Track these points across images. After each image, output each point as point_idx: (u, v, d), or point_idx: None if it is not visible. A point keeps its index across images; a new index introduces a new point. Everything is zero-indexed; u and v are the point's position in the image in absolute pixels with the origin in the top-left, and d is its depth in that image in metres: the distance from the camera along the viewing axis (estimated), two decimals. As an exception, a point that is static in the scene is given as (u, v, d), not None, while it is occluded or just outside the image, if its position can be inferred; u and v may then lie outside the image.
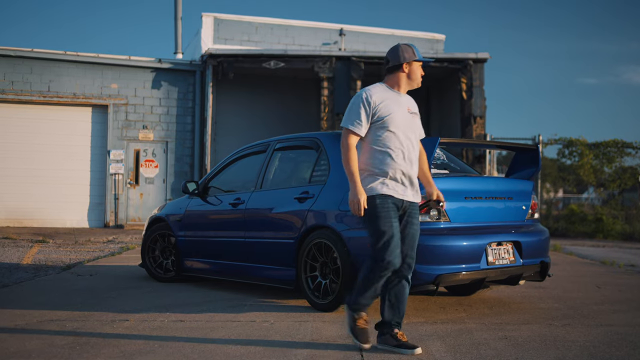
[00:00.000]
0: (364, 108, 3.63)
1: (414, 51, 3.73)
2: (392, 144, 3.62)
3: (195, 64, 15.51)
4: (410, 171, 3.67)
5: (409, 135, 3.68)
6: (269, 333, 4.08)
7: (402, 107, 3.69)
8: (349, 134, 3.64)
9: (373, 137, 3.64)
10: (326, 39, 17.09)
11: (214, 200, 6.17)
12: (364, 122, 3.63)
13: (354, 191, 3.57)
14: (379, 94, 3.68)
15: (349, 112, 3.68)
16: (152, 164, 15.37)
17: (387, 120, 3.62)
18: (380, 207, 3.58)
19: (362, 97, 3.66)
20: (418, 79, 3.75)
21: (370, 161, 3.64)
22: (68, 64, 14.83)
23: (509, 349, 3.74)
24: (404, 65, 3.71)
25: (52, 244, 10.79)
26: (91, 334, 4.04)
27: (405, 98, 3.76)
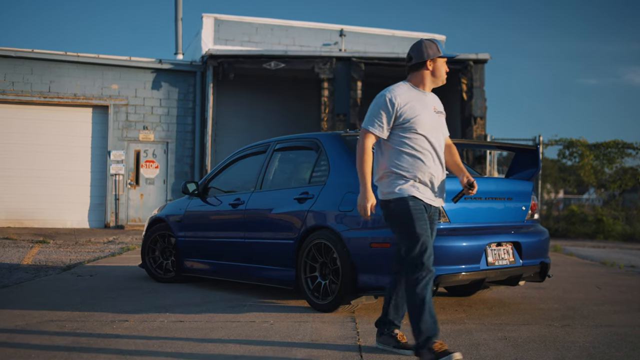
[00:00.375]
0: (387, 110, 3.46)
1: (438, 47, 3.57)
2: (421, 146, 3.47)
3: (195, 65, 15.52)
4: (439, 174, 3.52)
5: (436, 136, 3.53)
6: (268, 333, 4.08)
7: (428, 107, 3.54)
8: (367, 134, 3.49)
9: (399, 140, 3.48)
10: (326, 39, 17.09)
11: (214, 200, 6.17)
12: (385, 124, 3.47)
13: (363, 195, 3.45)
14: (404, 94, 3.50)
15: (370, 113, 3.52)
16: (153, 164, 15.38)
17: (414, 122, 3.46)
18: (413, 209, 3.40)
19: (386, 98, 3.49)
20: (443, 76, 3.59)
21: (399, 163, 3.47)
22: (68, 64, 14.83)
23: (509, 349, 3.74)
24: (428, 63, 3.55)
25: (53, 244, 10.79)
26: (91, 335, 4.04)
27: (431, 97, 3.61)
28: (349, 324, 4.39)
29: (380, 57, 15.28)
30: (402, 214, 3.41)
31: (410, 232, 3.39)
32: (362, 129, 3.53)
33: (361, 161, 3.48)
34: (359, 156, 3.50)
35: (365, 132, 3.51)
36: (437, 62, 3.56)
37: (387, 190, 3.48)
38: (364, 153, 3.48)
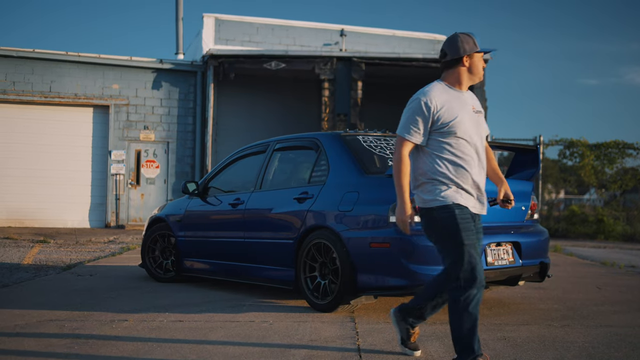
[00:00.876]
0: (423, 114, 3.20)
1: (474, 41, 3.28)
2: (462, 151, 3.21)
3: (196, 65, 15.53)
4: (483, 179, 3.28)
5: (478, 139, 3.27)
6: (267, 333, 4.08)
7: (466, 107, 3.27)
8: (403, 142, 3.23)
9: (437, 145, 3.22)
10: (327, 39, 17.09)
11: (214, 200, 6.17)
12: (422, 130, 3.21)
13: (401, 208, 3.20)
14: (440, 96, 3.23)
15: (405, 119, 3.26)
16: (153, 164, 15.39)
17: (453, 125, 3.19)
18: (460, 218, 3.13)
19: (421, 102, 3.21)
20: (480, 73, 3.31)
21: (440, 170, 3.20)
22: (69, 64, 14.84)
23: (508, 349, 3.73)
24: (465, 59, 3.27)
25: (53, 244, 10.80)
26: (90, 334, 4.04)
27: (468, 95, 3.34)
28: (348, 324, 4.39)
29: (381, 57, 15.27)
30: (446, 223, 3.14)
31: (457, 243, 3.11)
32: (398, 137, 3.27)
33: (398, 171, 3.22)
34: (395, 166, 3.23)
35: (401, 141, 3.25)
36: (474, 58, 3.28)
37: (429, 198, 3.22)
38: (401, 163, 3.22)
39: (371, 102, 16.07)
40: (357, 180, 4.84)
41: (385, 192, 4.58)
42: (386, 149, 5.22)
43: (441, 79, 3.33)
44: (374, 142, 5.28)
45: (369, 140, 5.29)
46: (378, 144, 5.26)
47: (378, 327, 4.30)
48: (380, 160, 5.06)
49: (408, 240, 4.37)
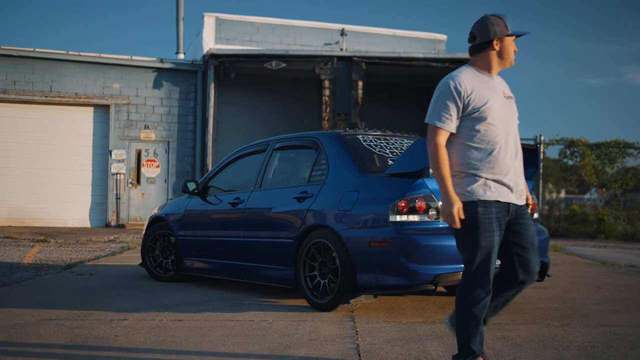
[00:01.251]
0: (454, 99, 3.00)
1: (505, 23, 3.08)
2: (493, 138, 3.02)
3: (197, 64, 15.53)
4: (516, 167, 3.07)
5: (509, 125, 3.08)
6: (267, 332, 4.08)
7: (497, 92, 3.10)
8: (437, 131, 3.01)
9: (467, 132, 3.04)
10: (328, 39, 17.09)
11: (214, 199, 6.18)
12: (454, 116, 3.01)
13: (447, 199, 2.95)
14: (469, 80, 3.04)
15: (435, 105, 3.06)
16: (154, 163, 15.39)
17: (484, 110, 3.01)
18: (482, 217, 2.97)
19: (450, 86, 3.02)
20: (511, 57, 3.12)
21: (467, 161, 3.02)
22: (70, 64, 14.85)
23: (507, 348, 3.73)
24: (495, 42, 3.07)
25: (54, 243, 10.81)
26: (89, 334, 4.04)
27: (498, 80, 3.17)
28: (347, 323, 4.39)
29: (381, 56, 15.27)
30: (467, 220, 2.98)
31: (473, 242, 2.98)
32: (430, 126, 3.04)
33: (436, 162, 2.99)
34: (432, 157, 3.01)
35: (434, 130, 3.03)
36: (504, 41, 3.08)
37: (456, 191, 3.02)
38: (438, 153, 2.99)
39: (372, 102, 16.07)
40: (357, 179, 4.84)
41: (384, 192, 4.58)
42: (386, 148, 5.22)
43: (470, 63, 3.15)
44: (373, 142, 5.28)
45: (369, 140, 5.29)
46: (378, 144, 5.27)
47: (378, 326, 4.30)
48: (380, 159, 5.06)
49: (408, 239, 4.38)
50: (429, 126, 3.06)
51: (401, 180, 4.53)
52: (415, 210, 4.43)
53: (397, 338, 3.95)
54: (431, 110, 3.08)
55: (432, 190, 4.48)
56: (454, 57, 15.27)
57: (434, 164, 3.01)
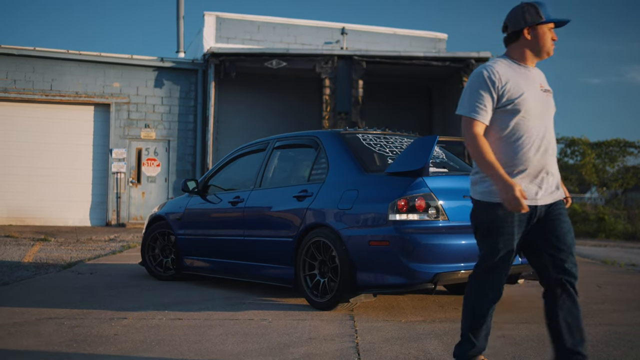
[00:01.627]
0: (488, 89, 2.84)
1: (538, 10, 2.89)
2: (525, 133, 2.84)
3: (197, 63, 15.53)
4: (548, 165, 2.88)
5: (544, 120, 2.90)
6: (266, 331, 4.08)
7: (533, 84, 2.91)
8: (473, 123, 2.85)
9: (498, 126, 2.87)
10: (328, 38, 17.09)
11: (214, 198, 6.17)
12: (489, 107, 2.85)
13: (503, 185, 2.72)
14: (504, 70, 2.89)
15: (468, 96, 2.89)
16: (154, 162, 15.40)
17: (518, 102, 2.83)
18: (502, 220, 2.83)
19: (484, 75, 2.86)
20: (547, 47, 2.91)
21: (495, 156, 2.84)
22: (70, 62, 14.86)
23: (506, 347, 3.73)
24: (526, 31, 2.90)
25: (54, 242, 10.81)
26: (89, 332, 4.04)
27: (535, 72, 2.98)
28: (347, 322, 4.39)
29: (381, 55, 15.26)
30: (486, 220, 2.87)
31: (491, 244, 2.88)
32: (464, 118, 2.88)
33: (479, 152, 2.80)
34: (473, 147, 2.83)
35: (469, 122, 2.86)
36: (538, 30, 2.89)
37: (479, 189, 2.92)
38: (479, 142, 2.81)
39: (372, 101, 16.07)
40: (357, 178, 4.84)
41: (384, 190, 4.58)
42: (385, 147, 5.22)
43: (505, 54, 3.00)
44: (373, 141, 5.28)
45: (369, 139, 5.28)
46: (378, 142, 5.26)
47: (377, 325, 4.30)
48: (380, 158, 5.06)
49: (407, 238, 4.37)
50: (463, 118, 2.88)
51: (401, 179, 4.53)
52: (415, 209, 4.43)
53: (396, 337, 3.95)
54: (465, 101, 2.91)
55: (431, 189, 4.47)
56: (455, 56, 15.26)
57: (477, 154, 2.81)
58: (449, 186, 4.63)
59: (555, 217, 2.88)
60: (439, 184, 4.55)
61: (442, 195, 4.51)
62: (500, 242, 2.85)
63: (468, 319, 3.00)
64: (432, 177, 4.55)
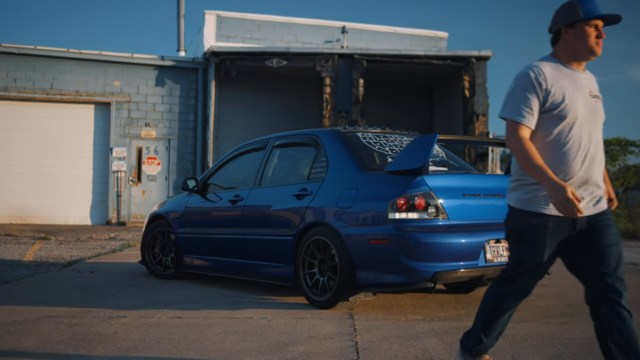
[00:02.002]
0: (535, 91, 2.67)
1: (576, 8, 2.69)
2: (571, 141, 2.66)
3: (197, 62, 15.52)
4: (593, 177, 2.70)
5: (592, 128, 2.71)
6: (265, 330, 4.08)
7: (581, 89, 2.72)
8: (518, 128, 2.68)
9: (540, 133, 2.70)
10: (329, 36, 17.07)
11: (213, 197, 6.17)
12: (535, 110, 2.67)
13: (553, 187, 2.55)
14: (550, 71, 2.69)
15: (513, 98, 2.71)
16: (155, 161, 15.40)
17: (564, 108, 2.65)
18: (534, 229, 2.68)
19: (530, 76, 2.68)
20: (589, 46, 2.69)
21: None
22: (71, 61, 14.86)
23: (506, 346, 3.72)
24: (564, 30, 2.72)
25: (54, 241, 10.81)
26: (88, 331, 4.04)
27: (585, 76, 2.78)
28: (346, 320, 4.38)
29: (382, 54, 15.25)
30: (518, 227, 2.74)
31: (520, 253, 2.75)
32: (508, 122, 2.71)
33: (525, 156, 2.64)
34: (518, 151, 2.67)
35: (513, 126, 2.69)
36: (577, 28, 2.69)
37: (514, 196, 2.80)
38: (525, 146, 2.65)
39: (372, 99, 16.06)
40: (356, 176, 4.83)
41: (384, 189, 4.57)
42: (385, 145, 5.21)
43: (551, 54, 2.81)
44: (373, 139, 5.27)
45: (368, 137, 5.28)
46: (377, 141, 5.26)
47: (376, 323, 4.29)
48: (380, 157, 5.05)
49: (407, 237, 4.37)
50: (507, 122, 2.72)
51: (400, 177, 4.52)
52: (415, 207, 4.42)
53: (395, 335, 3.95)
54: (509, 103, 2.72)
55: (431, 188, 4.47)
56: (455, 55, 15.24)
57: (523, 159, 2.65)
58: (449, 185, 4.62)
59: (599, 229, 2.70)
60: (439, 182, 4.54)
61: (442, 193, 4.50)
62: (529, 252, 2.71)
63: (482, 318, 2.92)
64: (432, 176, 4.54)
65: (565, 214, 2.55)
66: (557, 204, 2.55)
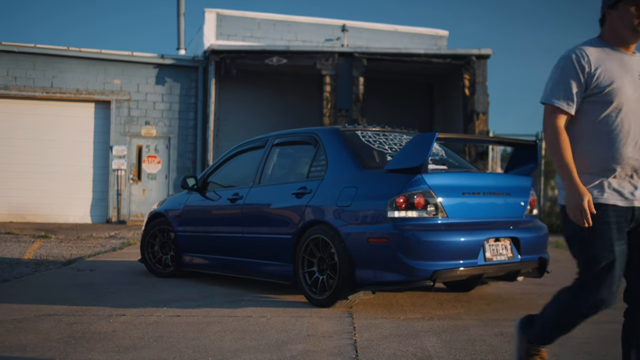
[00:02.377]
0: (576, 75, 2.54)
1: None
2: (619, 127, 2.53)
3: (197, 60, 15.51)
4: None
5: None
6: (264, 328, 4.08)
7: (630, 71, 2.59)
8: (554, 112, 2.57)
9: (586, 118, 2.58)
10: (329, 35, 17.06)
11: (213, 195, 6.17)
12: (576, 95, 2.55)
13: (573, 191, 2.49)
14: (596, 54, 2.58)
15: (553, 82, 2.60)
16: (155, 159, 15.39)
17: (610, 92, 2.53)
18: (597, 223, 2.51)
19: (572, 58, 2.55)
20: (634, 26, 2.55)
21: (587, 153, 2.56)
22: (71, 59, 14.85)
23: (505, 345, 3.72)
24: (607, 13, 2.63)
25: (54, 239, 10.82)
26: (87, 329, 4.04)
27: (635, 59, 2.64)
28: (345, 319, 4.38)
29: (382, 52, 15.24)
30: (579, 228, 2.54)
31: (587, 252, 2.55)
32: (546, 107, 2.60)
33: (557, 148, 2.54)
34: (550, 140, 2.57)
35: (550, 110, 2.58)
36: (620, 9, 2.57)
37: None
38: (558, 134, 2.55)
39: (373, 98, 16.05)
40: (356, 175, 4.83)
41: (383, 187, 4.57)
42: (385, 144, 5.21)
43: (598, 36, 2.69)
44: (372, 137, 5.27)
45: (368, 136, 5.28)
46: (377, 139, 5.25)
47: (376, 322, 4.29)
48: (379, 155, 5.05)
49: (406, 235, 4.37)
50: (546, 107, 2.61)
51: (400, 176, 4.52)
52: (414, 206, 4.42)
53: (394, 334, 3.95)
54: (549, 87, 2.61)
55: (430, 186, 4.47)
56: (456, 53, 15.22)
57: (554, 150, 2.55)
58: (448, 183, 4.62)
59: None
60: (438, 181, 4.54)
61: (441, 192, 4.50)
62: (598, 247, 2.52)
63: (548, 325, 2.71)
64: (431, 174, 4.54)
65: (575, 219, 2.51)
66: (571, 206, 2.50)
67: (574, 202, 2.48)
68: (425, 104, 18.19)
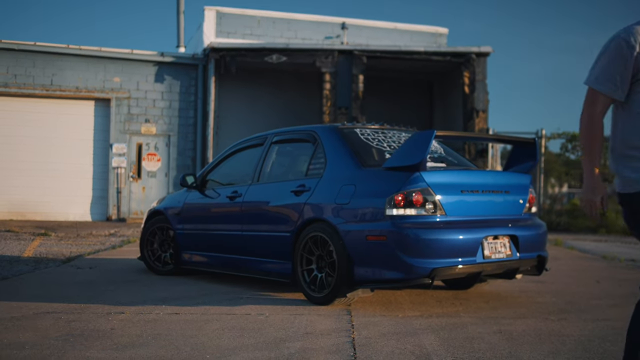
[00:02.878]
0: (623, 57, 2.38)
1: None
2: None
3: (197, 58, 15.50)
4: None
5: None
6: (263, 326, 4.08)
7: None
8: (594, 96, 2.44)
9: (636, 103, 2.41)
10: (329, 32, 17.05)
11: (212, 193, 6.17)
12: (623, 78, 2.39)
13: (589, 185, 2.44)
14: None
15: (598, 65, 2.45)
16: (155, 157, 15.39)
17: None
18: None
19: (621, 40, 2.39)
20: None
21: (635, 137, 2.39)
22: (71, 57, 14.84)
23: (503, 343, 3.72)
24: None
25: (54, 237, 10.82)
26: (85, 327, 4.04)
27: None
28: (344, 316, 4.38)
29: (382, 50, 15.23)
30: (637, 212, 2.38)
31: None
32: (589, 90, 2.46)
33: (586, 135, 2.44)
34: (584, 128, 2.45)
35: (592, 95, 2.44)
36: None
37: (628, 177, 2.40)
38: (591, 124, 2.43)
39: (372, 95, 16.04)
40: (354, 173, 4.83)
41: (382, 185, 4.57)
42: (383, 141, 5.21)
43: None
44: (371, 135, 5.26)
45: (367, 133, 5.27)
46: (375, 137, 5.25)
47: (374, 320, 4.30)
48: (378, 153, 5.05)
49: (404, 233, 4.37)
50: (588, 90, 2.47)
51: (398, 173, 4.52)
52: (412, 203, 4.42)
53: (393, 332, 3.95)
54: (593, 70, 2.46)
55: (429, 184, 4.47)
56: (456, 51, 15.21)
57: (584, 135, 2.44)
58: (447, 181, 4.62)
59: None
60: (437, 178, 4.54)
61: (440, 190, 4.50)
62: None
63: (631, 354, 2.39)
64: (430, 172, 4.54)
65: (586, 212, 2.46)
66: (585, 201, 2.46)
67: (588, 197, 2.44)
68: (425, 101, 18.18)
